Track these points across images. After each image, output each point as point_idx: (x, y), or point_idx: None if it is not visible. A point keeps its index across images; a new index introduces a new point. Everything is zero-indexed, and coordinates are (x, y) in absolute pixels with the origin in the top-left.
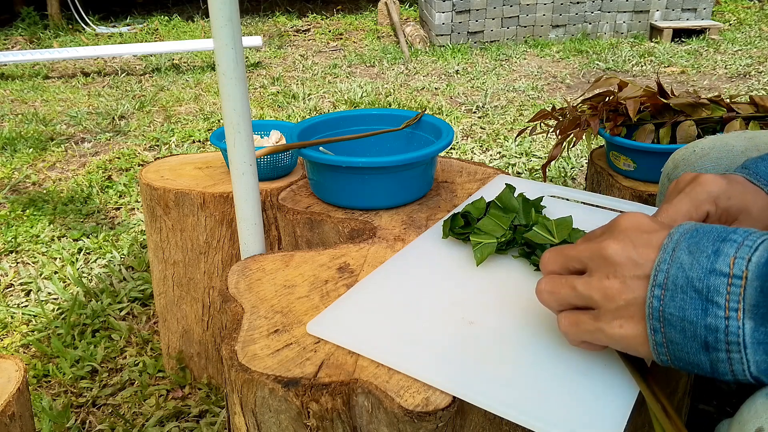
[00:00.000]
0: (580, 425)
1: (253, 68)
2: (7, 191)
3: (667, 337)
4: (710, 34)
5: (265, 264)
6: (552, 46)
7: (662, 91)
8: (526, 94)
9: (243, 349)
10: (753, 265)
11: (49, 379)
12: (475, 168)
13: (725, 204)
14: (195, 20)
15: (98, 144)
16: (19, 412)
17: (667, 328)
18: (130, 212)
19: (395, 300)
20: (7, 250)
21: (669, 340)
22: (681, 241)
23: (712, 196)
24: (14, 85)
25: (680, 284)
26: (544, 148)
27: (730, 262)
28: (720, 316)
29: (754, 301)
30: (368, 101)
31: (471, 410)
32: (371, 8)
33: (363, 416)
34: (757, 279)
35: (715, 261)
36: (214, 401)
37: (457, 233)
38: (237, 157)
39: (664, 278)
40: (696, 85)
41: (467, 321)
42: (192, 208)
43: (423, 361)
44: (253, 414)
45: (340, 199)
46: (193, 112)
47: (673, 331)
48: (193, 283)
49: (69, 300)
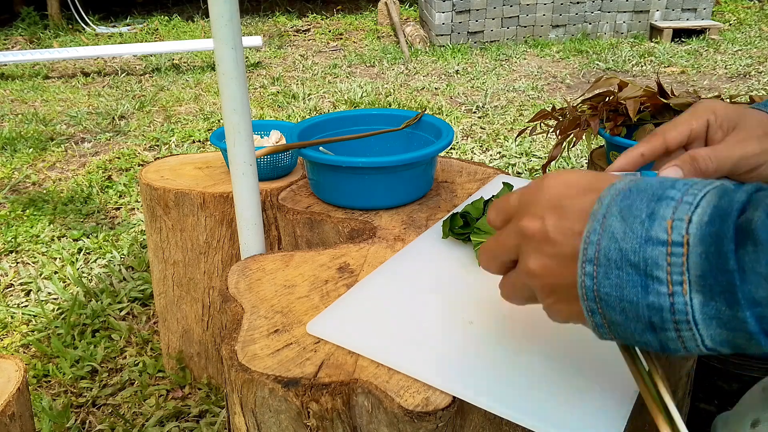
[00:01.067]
0: (580, 425)
1: (253, 68)
2: (7, 191)
3: (606, 318)
4: (710, 34)
5: (265, 264)
6: (552, 46)
7: (662, 91)
8: (526, 94)
9: (243, 349)
10: (694, 226)
11: (49, 379)
12: (475, 168)
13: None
14: (195, 20)
15: (98, 144)
16: (19, 412)
17: (606, 309)
18: (130, 212)
19: (395, 300)
20: (7, 250)
21: (610, 321)
22: (612, 204)
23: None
24: (14, 85)
25: (614, 258)
26: (544, 148)
27: (667, 226)
28: (663, 293)
29: (699, 270)
30: (368, 101)
31: (471, 410)
32: (371, 8)
33: (363, 416)
34: (700, 243)
35: (651, 227)
36: (214, 401)
37: (457, 233)
38: (237, 157)
39: (594, 252)
40: (696, 85)
41: (467, 321)
42: (192, 208)
43: (423, 361)
44: (253, 414)
45: (340, 199)
46: (193, 112)
47: (612, 313)
48: (193, 283)
49: (69, 300)
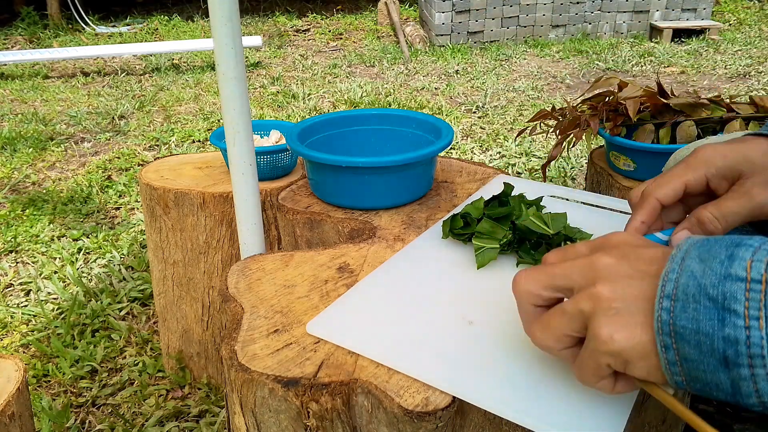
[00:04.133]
0: (580, 425)
1: (253, 68)
2: (7, 191)
3: (680, 354)
4: (710, 34)
5: (265, 264)
6: (552, 46)
7: (662, 91)
8: (526, 94)
9: (243, 348)
10: None
11: (48, 379)
12: (475, 168)
13: (722, 162)
14: (195, 20)
15: (98, 144)
16: (19, 411)
17: (680, 344)
18: (130, 212)
19: (395, 300)
20: (7, 250)
21: (683, 357)
22: (691, 250)
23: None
24: (14, 84)
25: (692, 293)
26: (544, 148)
27: (747, 266)
28: (740, 326)
29: None
30: (368, 101)
31: (471, 410)
32: (371, 8)
33: (363, 416)
34: None
35: (730, 266)
36: (214, 401)
37: (457, 234)
38: (237, 157)
39: (673, 288)
40: (696, 85)
41: (467, 321)
42: (192, 208)
43: (423, 361)
44: (252, 414)
45: (340, 199)
46: (193, 112)
47: (686, 347)
48: (193, 283)
49: (69, 300)
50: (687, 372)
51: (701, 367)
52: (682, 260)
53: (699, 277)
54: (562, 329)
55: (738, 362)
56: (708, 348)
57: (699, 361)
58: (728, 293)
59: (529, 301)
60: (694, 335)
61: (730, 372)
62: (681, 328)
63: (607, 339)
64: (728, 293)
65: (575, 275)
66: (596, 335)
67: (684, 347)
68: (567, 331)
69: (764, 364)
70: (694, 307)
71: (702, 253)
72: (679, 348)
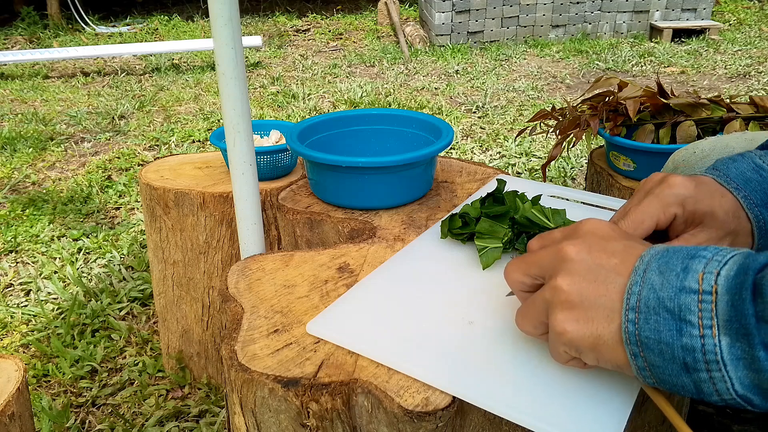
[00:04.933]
0: (580, 425)
1: (253, 68)
2: (7, 191)
3: (648, 361)
4: (710, 34)
5: (265, 264)
6: (552, 46)
7: (662, 91)
8: (526, 94)
9: (243, 349)
10: (722, 278)
11: (48, 379)
12: (475, 168)
13: (692, 207)
14: (195, 20)
15: (98, 144)
16: (19, 411)
17: (647, 353)
18: (130, 212)
19: (395, 300)
20: (7, 250)
21: (650, 364)
22: (651, 262)
23: (680, 198)
24: (14, 84)
25: (652, 306)
26: (544, 148)
27: (699, 278)
28: (695, 335)
29: (726, 316)
30: (368, 101)
31: (471, 410)
32: (371, 8)
33: (363, 416)
34: (727, 293)
35: (684, 278)
36: (214, 401)
37: (456, 234)
38: (237, 157)
39: (636, 301)
40: (696, 85)
41: (467, 321)
42: (192, 208)
43: (423, 361)
44: (252, 414)
45: (340, 199)
46: (193, 112)
47: (652, 355)
48: (193, 283)
49: (69, 300)
50: (656, 376)
51: (666, 372)
52: (644, 272)
53: (658, 289)
54: (535, 316)
55: (697, 368)
56: (670, 356)
57: (664, 367)
58: (683, 305)
59: (516, 287)
60: (657, 344)
61: (692, 376)
62: (645, 338)
63: (561, 330)
64: (683, 305)
65: (545, 263)
66: (551, 325)
67: (649, 355)
68: (538, 317)
69: (719, 368)
70: (655, 319)
71: (661, 265)
72: (646, 356)
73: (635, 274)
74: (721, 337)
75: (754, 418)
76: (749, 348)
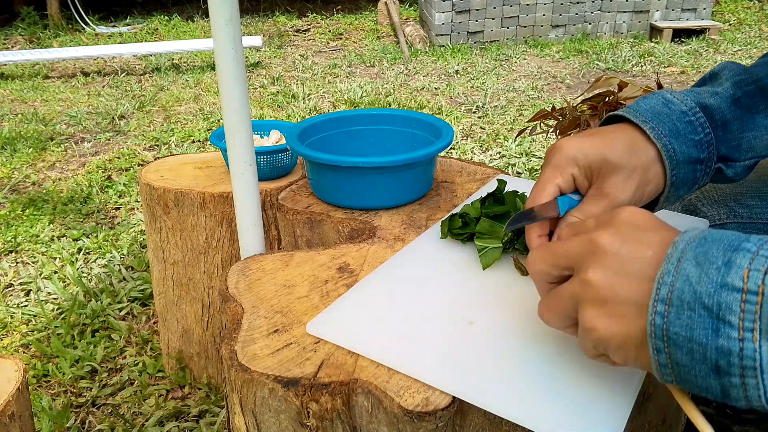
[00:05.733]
0: (580, 425)
1: (253, 68)
2: (7, 191)
3: (672, 358)
4: (710, 34)
5: (265, 264)
6: (552, 46)
7: None
8: (526, 94)
9: (243, 349)
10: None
11: (48, 379)
12: (475, 168)
13: (584, 162)
14: (195, 20)
15: (98, 144)
16: (19, 411)
17: (672, 349)
18: (130, 212)
19: (395, 300)
20: (7, 250)
21: (675, 361)
22: (687, 250)
23: (570, 157)
24: (14, 85)
25: (687, 300)
26: (544, 148)
27: (744, 276)
28: (733, 338)
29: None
30: (368, 101)
31: (471, 410)
32: (371, 8)
33: (363, 416)
34: None
35: (727, 274)
36: (214, 401)
37: (456, 234)
38: (237, 157)
39: (668, 292)
40: None
41: (467, 321)
42: (192, 208)
43: (423, 361)
44: (252, 414)
45: (340, 199)
46: (193, 112)
47: (679, 353)
48: (193, 283)
49: (69, 300)
50: (678, 374)
51: (692, 372)
52: (678, 262)
53: (695, 283)
54: (561, 309)
55: (730, 372)
56: (700, 356)
57: (690, 366)
58: (724, 304)
59: (541, 279)
60: (687, 342)
61: (721, 379)
62: (674, 335)
63: (590, 327)
64: (724, 304)
65: (575, 254)
66: (581, 321)
67: (676, 353)
68: (565, 311)
69: (755, 375)
70: (688, 314)
71: (698, 255)
72: (671, 353)
73: (667, 263)
74: (762, 342)
75: (755, 419)
76: None
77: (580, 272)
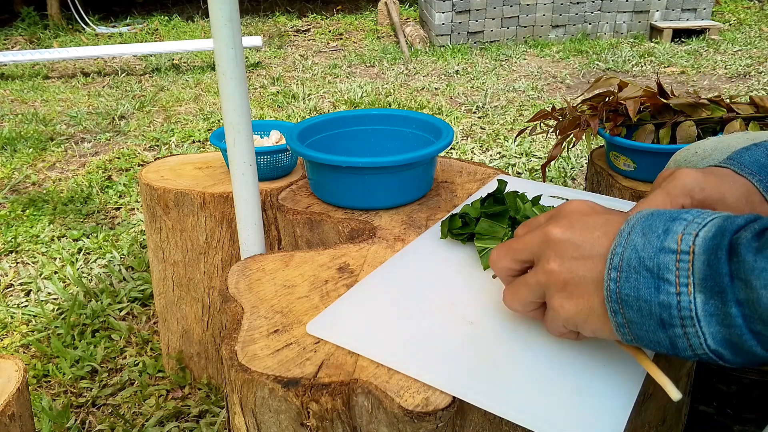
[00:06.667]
0: (580, 426)
1: (253, 68)
2: (7, 191)
3: (626, 317)
4: (710, 34)
5: (265, 264)
6: (552, 46)
7: (662, 91)
8: (526, 94)
9: (243, 349)
10: (700, 239)
11: (49, 379)
12: (475, 168)
13: (700, 196)
14: (195, 20)
15: (98, 144)
16: (19, 412)
17: (626, 309)
18: (130, 212)
19: (395, 300)
20: (7, 250)
21: (629, 320)
22: (636, 225)
23: (687, 188)
24: (14, 85)
25: (633, 265)
26: (544, 148)
27: (678, 239)
28: (671, 293)
29: (702, 274)
30: (368, 101)
31: (471, 410)
32: (371, 8)
33: (363, 416)
34: (704, 253)
35: (665, 239)
36: (214, 401)
37: (456, 234)
38: (237, 157)
39: (619, 261)
40: (696, 85)
41: (467, 321)
42: (192, 208)
43: (423, 361)
44: (252, 414)
45: (340, 199)
46: (193, 112)
47: (631, 312)
48: (193, 283)
49: (69, 300)
50: (633, 332)
51: (644, 328)
52: (628, 234)
53: (640, 250)
54: (526, 297)
55: (672, 323)
56: (647, 312)
57: (641, 323)
58: (662, 264)
59: (504, 273)
60: (636, 302)
61: (667, 331)
62: (625, 296)
63: (559, 308)
64: (662, 264)
65: (533, 247)
66: (551, 305)
67: (629, 312)
68: (530, 298)
69: (693, 324)
70: (635, 277)
71: (645, 227)
72: (625, 312)
73: (620, 236)
74: (696, 294)
75: (755, 419)
76: (722, 305)
77: (540, 262)
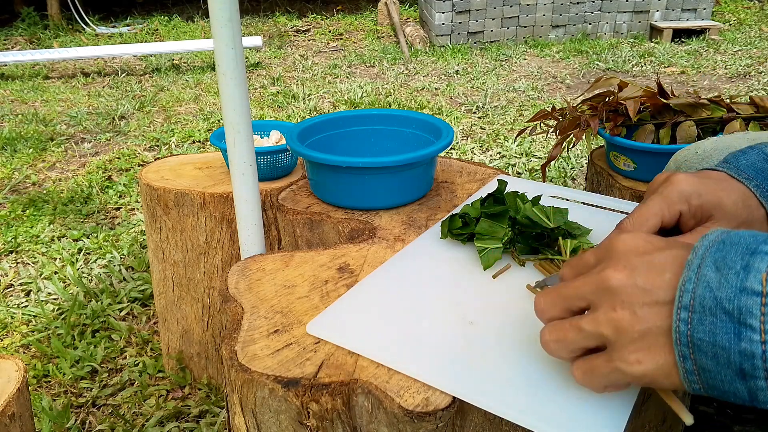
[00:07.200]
0: (580, 426)
1: (253, 68)
2: (7, 191)
3: (698, 364)
4: (710, 34)
5: (265, 264)
6: (552, 46)
7: (662, 91)
8: (526, 94)
9: (243, 349)
10: None
11: (49, 379)
12: (475, 168)
13: (698, 201)
14: (195, 20)
15: (98, 144)
16: (19, 412)
17: (698, 355)
18: (130, 212)
19: (395, 300)
20: (7, 250)
21: (700, 367)
22: (706, 255)
23: (684, 194)
24: (14, 85)
25: (708, 306)
26: (544, 148)
27: (762, 279)
28: (755, 341)
29: None
30: (368, 101)
31: (471, 410)
32: (371, 8)
33: (363, 416)
34: None
35: (746, 278)
36: (214, 401)
37: (456, 234)
38: (237, 157)
39: (690, 299)
40: (696, 85)
41: (467, 321)
42: (192, 208)
43: (423, 361)
44: (253, 414)
45: (340, 199)
46: (193, 112)
47: (704, 358)
48: (193, 284)
49: (69, 300)
50: (704, 381)
51: (719, 377)
52: (698, 268)
53: (715, 288)
54: (578, 344)
55: (754, 375)
56: (725, 360)
57: (716, 371)
58: (744, 308)
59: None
60: (711, 347)
61: (747, 383)
62: (698, 340)
63: (635, 363)
64: (744, 308)
65: (589, 294)
66: (623, 359)
67: (701, 358)
68: (582, 345)
69: None
70: (710, 320)
71: (717, 260)
72: (696, 359)
73: (688, 269)
74: None
75: (755, 419)
76: None
77: (600, 309)
